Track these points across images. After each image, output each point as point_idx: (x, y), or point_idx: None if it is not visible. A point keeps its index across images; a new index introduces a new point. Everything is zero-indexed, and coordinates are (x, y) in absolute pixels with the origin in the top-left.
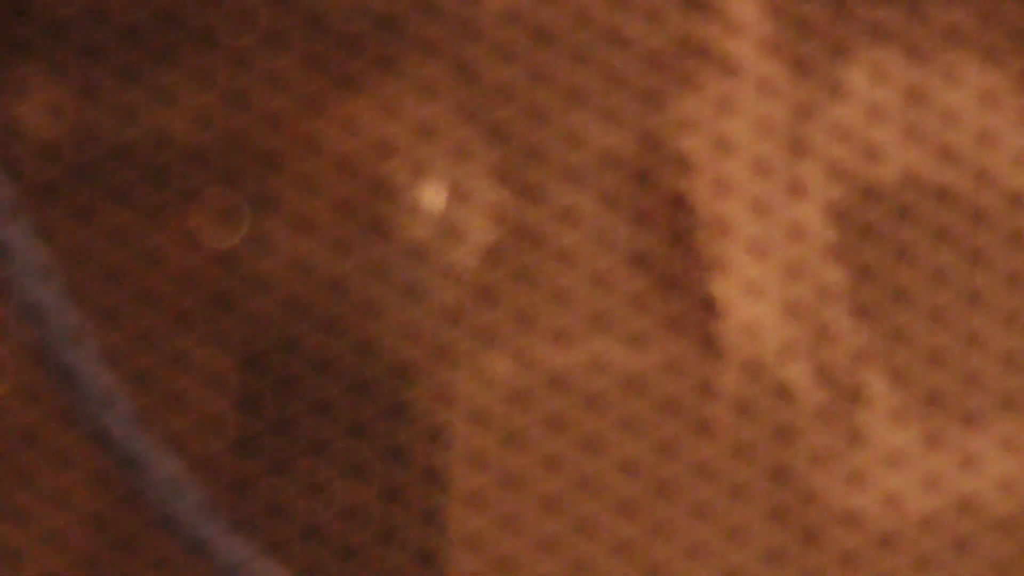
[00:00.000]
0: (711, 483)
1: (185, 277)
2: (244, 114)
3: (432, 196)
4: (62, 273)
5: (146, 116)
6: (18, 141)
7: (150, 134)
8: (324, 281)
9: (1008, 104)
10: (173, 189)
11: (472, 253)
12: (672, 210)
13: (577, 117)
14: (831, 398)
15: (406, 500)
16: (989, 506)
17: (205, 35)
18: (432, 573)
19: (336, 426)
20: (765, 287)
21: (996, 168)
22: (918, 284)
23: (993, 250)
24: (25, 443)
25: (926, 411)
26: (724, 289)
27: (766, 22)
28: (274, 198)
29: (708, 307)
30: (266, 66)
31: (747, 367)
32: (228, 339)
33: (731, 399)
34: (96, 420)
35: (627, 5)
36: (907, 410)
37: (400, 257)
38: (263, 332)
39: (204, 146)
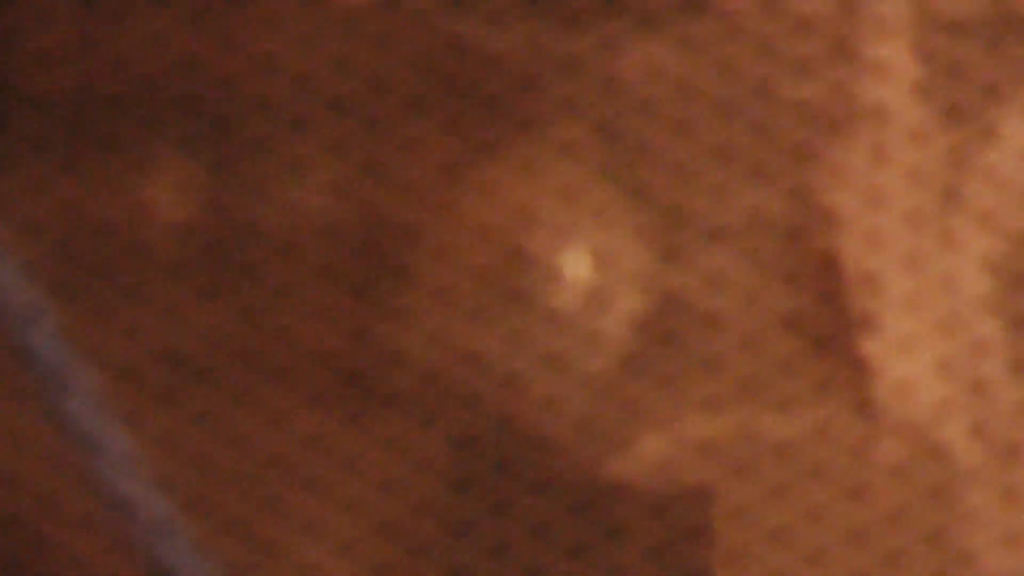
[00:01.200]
0: (865, 550)
1: (321, 354)
2: (380, 184)
3: (575, 263)
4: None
5: (278, 190)
6: (149, 222)
7: (283, 209)
8: (464, 354)
9: None
10: (308, 265)
11: (618, 321)
12: (823, 268)
13: (723, 174)
14: (988, 456)
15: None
16: None
17: (338, 103)
18: None
19: (479, 504)
20: (918, 343)
21: None
22: None
23: None
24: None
25: None
26: (876, 347)
27: (917, 67)
28: (412, 271)
29: (860, 367)
30: (402, 132)
31: (901, 428)
32: (366, 417)
33: (885, 461)
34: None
35: (774, 55)
36: None
37: (542, 327)
38: (401, 410)
39: (339, 219)
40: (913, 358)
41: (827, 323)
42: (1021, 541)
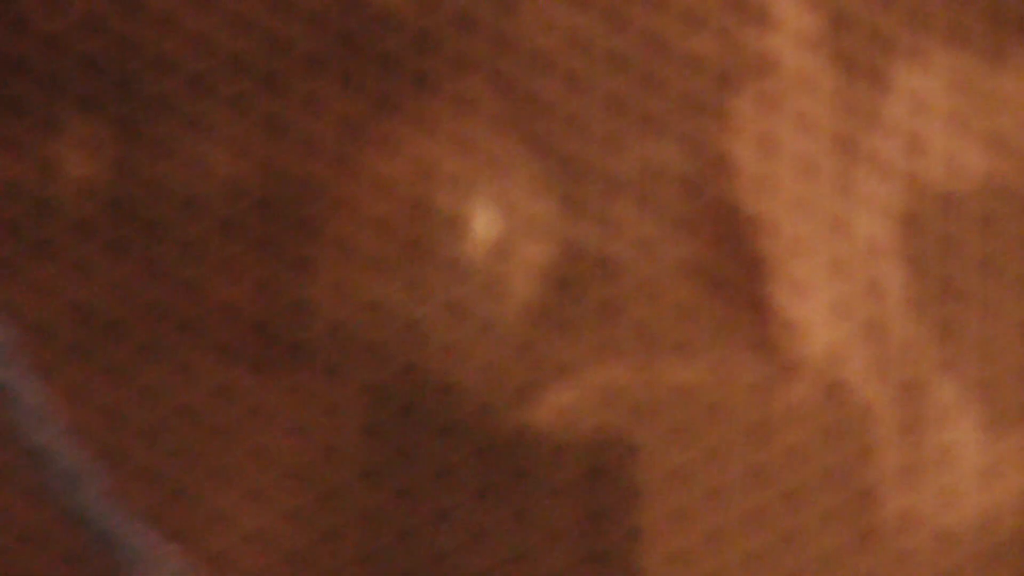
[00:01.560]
0: (766, 489)
1: (227, 307)
2: (281, 140)
3: (475, 213)
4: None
5: (181, 147)
6: (54, 180)
7: (186, 166)
8: (368, 304)
9: None
10: (213, 220)
11: (519, 269)
12: (718, 214)
13: (617, 125)
14: (884, 394)
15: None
16: None
17: (237, 61)
18: None
19: (387, 449)
20: (813, 286)
21: None
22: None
23: None
24: None
25: None
26: (772, 290)
27: (805, 16)
28: (314, 224)
29: (757, 309)
30: (301, 89)
31: (798, 368)
32: (274, 367)
33: (784, 401)
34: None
35: (664, 7)
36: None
37: (444, 276)
38: (307, 359)
39: (241, 175)
40: (808, 300)
41: (724, 268)
42: (920, 476)
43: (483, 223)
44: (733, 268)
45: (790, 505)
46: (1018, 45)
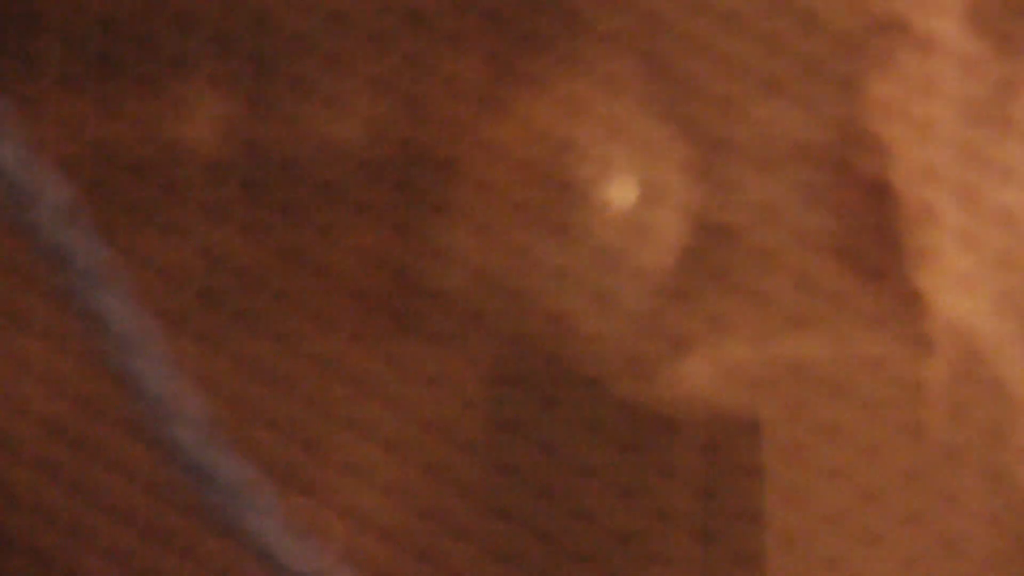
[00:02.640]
0: (922, 490)
1: (363, 293)
2: (421, 120)
3: (622, 196)
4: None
5: (317, 127)
6: (186, 161)
7: (322, 146)
8: (508, 291)
9: None
10: (348, 203)
11: (666, 254)
12: (875, 200)
13: (770, 107)
14: None
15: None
16: None
17: (378, 38)
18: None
19: (526, 445)
20: (975, 279)
21: None
22: None
23: None
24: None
25: None
26: (932, 282)
27: None
28: (454, 207)
29: (915, 302)
30: (442, 68)
31: (957, 364)
32: (410, 356)
33: (941, 399)
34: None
35: None
36: None
37: (589, 262)
38: (445, 348)
39: (379, 156)
40: (970, 294)
41: (880, 256)
42: None
43: (630, 206)
44: (891, 257)
45: (911, 485)
46: None
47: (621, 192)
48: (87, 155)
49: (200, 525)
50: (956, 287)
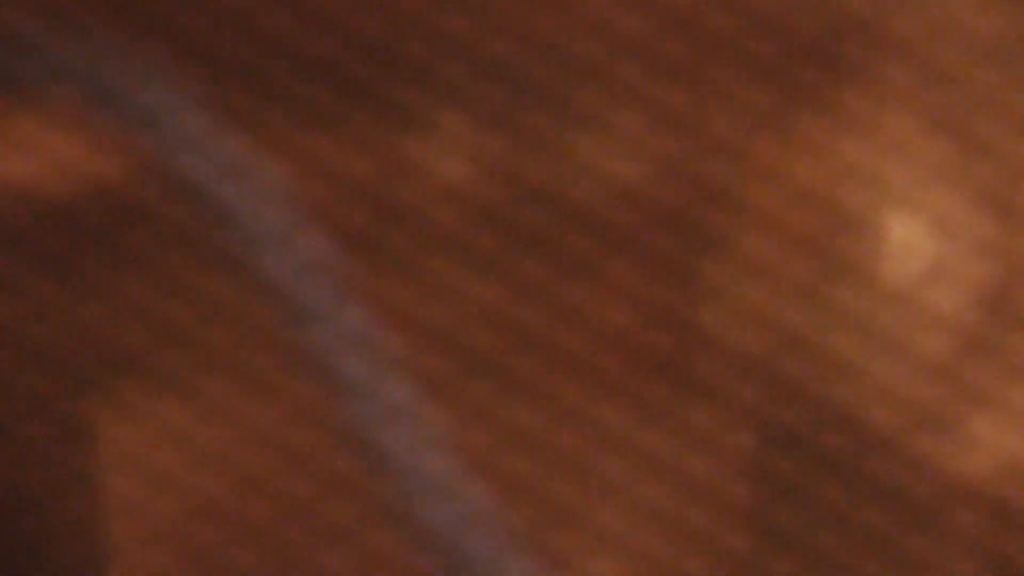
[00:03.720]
0: None
1: (625, 339)
2: (689, 142)
3: (911, 229)
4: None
5: (584, 157)
6: (430, 188)
7: (588, 178)
8: (787, 337)
9: None
10: (617, 239)
11: (960, 294)
12: None
13: None
14: None
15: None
16: None
17: (651, 56)
18: None
19: (801, 514)
20: None
21: None
22: None
23: None
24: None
25: None
26: None
27: None
28: (727, 242)
29: None
30: (711, 81)
31: None
32: (673, 412)
33: None
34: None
35: None
36: None
37: (876, 304)
38: (713, 403)
39: (653, 185)
40: None
41: None
42: None
43: (920, 241)
44: None
45: None
46: None
47: (916, 229)
48: (332, 196)
49: None
50: None
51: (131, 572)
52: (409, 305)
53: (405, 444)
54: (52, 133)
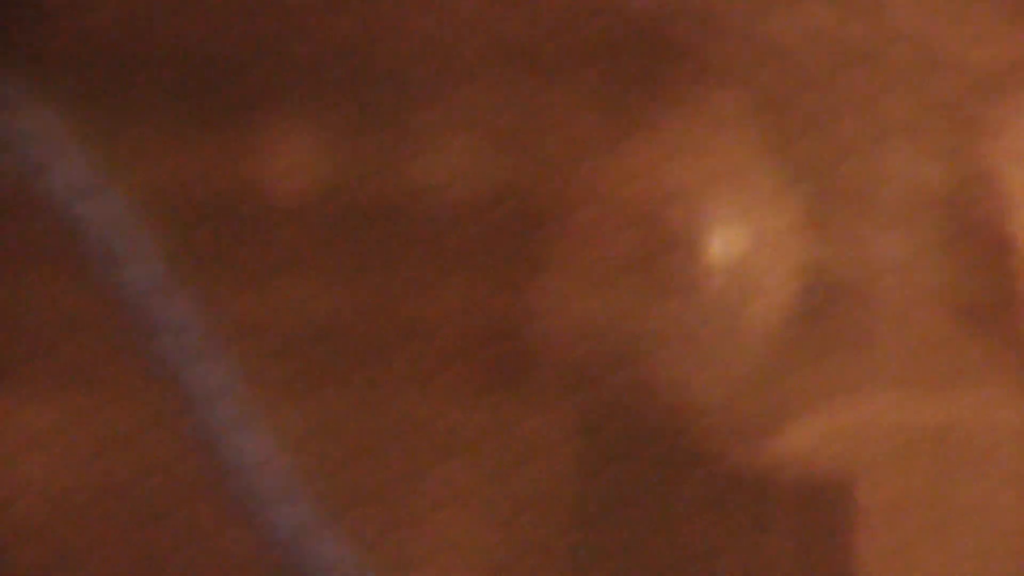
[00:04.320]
0: None
1: (461, 349)
2: (520, 161)
3: (729, 244)
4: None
5: (418, 174)
6: (269, 201)
7: (422, 194)
8: (611, 343)
9: None
10: (451, 253)
11: (772, 303)
12: (986, 244)
13: (883, 146)
14: None
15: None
16: None
17: (483, 75)
18: None
19: (614, 493)
20: None
21: None
22: None
23: None
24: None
25: None
26: None
27: None
28: (556, 255)
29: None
30: (542, 103)
31: None
32: (506, 408)
33: None
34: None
35: (951, 18)
36: None
37: (695, 314)
38: (543, 400)
39: (479, 202)
40: None
41: (990, 301)
42: None
43: (737, 255)
44: (1001, 301)
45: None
46: None
47: (735, 247)
48: (180, 204)
49: None
50: None
51: None
52: (256, 318)
53: (253, 449)
54: None
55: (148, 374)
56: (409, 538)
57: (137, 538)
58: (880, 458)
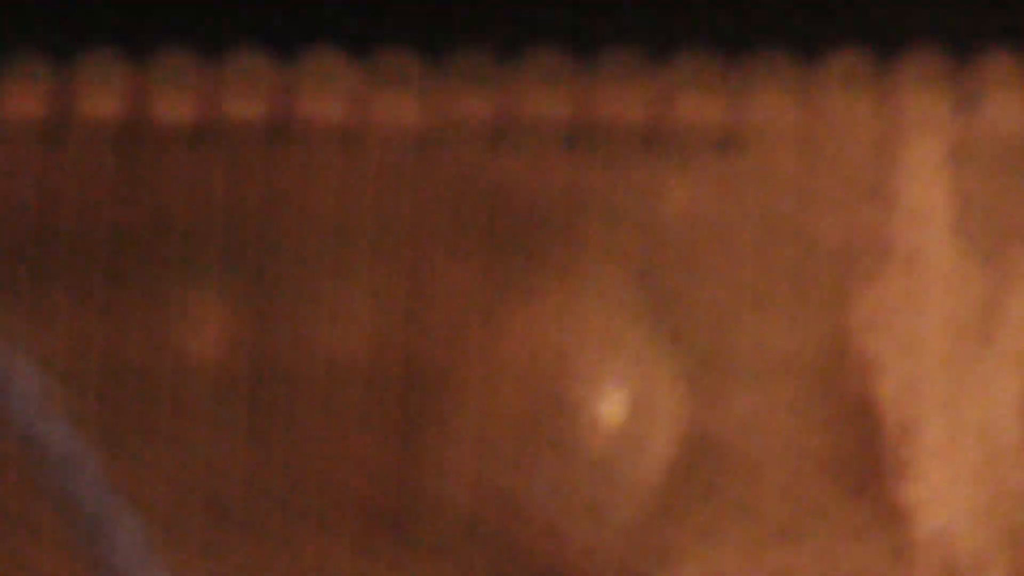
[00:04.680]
0: None
1: (363, 501)
2: (420, 330)
3: (613, 409)
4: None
5: (320, 340)
6: (190, 370)
7: (325, 359)
8: (505, 502)
9: None
10: (349, 411)
11: (656, 466)
12: (860, 414)
13: (760, 319)
14: None
15: None
16: None
17: (380, 253)
18: None
19: None
20: (955, 491)
21: None
22: None
23: None
24: None
25: None
26: (914, 494)
27: (952, 210)
28: (452, 419)
29: (898, 513)
30: (441, 280)
31: (940, 575)
32: (409, 563)
33: None
34: None
35: (811, 199)
36: None
37: (581, 474)
38: (442, 557)
39: (379, 367)
40: (950, 505)
41: (865, 469)
42: None
43: (621, 419)
44: (875, 469)
45: None
46: None
47: (613, 406)
48: (95, 366)
49: None
50: (935, 500)
51: None
52: (184, 474)
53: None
54: None
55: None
56: None
57: None
58: None
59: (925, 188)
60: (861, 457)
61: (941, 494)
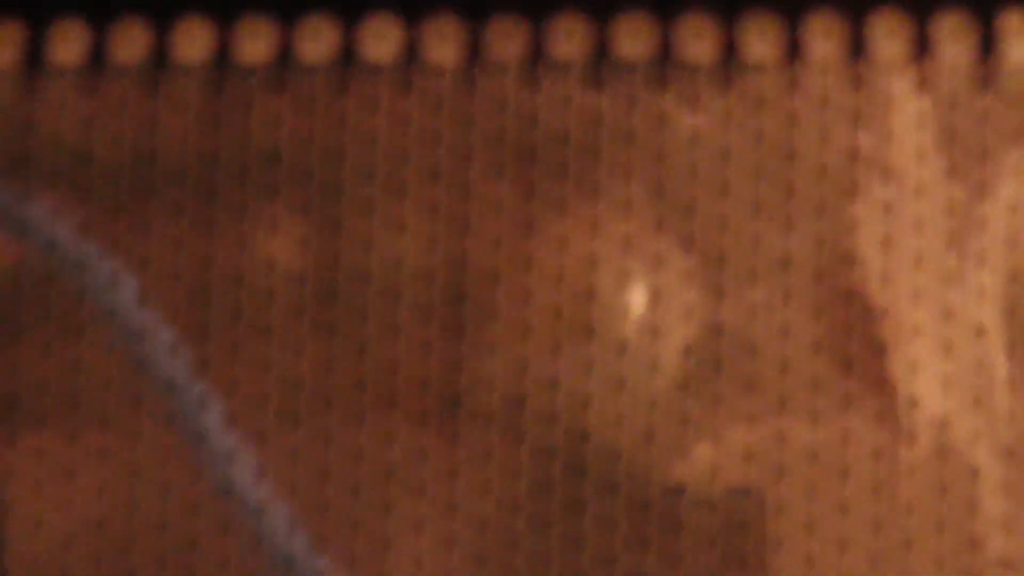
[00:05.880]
0: (884, 537)
1: (422, 381)
2: (467, 239)
3: (636, 301)
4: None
5: (381, 245)
6: (272, 272)
7: (384, 260)
8: (543, 380)
9: None
10: (408, 307)
11: (672, 348)
12: (845, 302)
13: (757, 226)
14: (988, 456)
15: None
16: None
17: (431, 172)
18: None
19: (558, 505)
20: (925, 365)
21: None
22: None
23: None
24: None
25: None
26: (893, 368)
27: (919, 134)
28: (496, 311)
29: (881, 385)
30: (485, 195)
31: (914, 434)
32: (462, 433)
33: (901, 462)
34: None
35: (797, 123)
36: None
37: (609, 355)
38: (490, 427)
39: (433, 268)
40: (923, 376)
41: (851, 348)
42: (1020, 527)
43: (642, 309)
44: (859, 349)
45: (905, 552)
46: None
47: (635, 298)
48: (189, 269)
49: None
50: (911, 372)
51: None
52: (268, 360)
53: (243, 479)
54: None
55: (159, 420)
56: (382, 560)
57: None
58: (767, 472)
59: (897, 113)
60: (847, 337)
61: (915, 367)
